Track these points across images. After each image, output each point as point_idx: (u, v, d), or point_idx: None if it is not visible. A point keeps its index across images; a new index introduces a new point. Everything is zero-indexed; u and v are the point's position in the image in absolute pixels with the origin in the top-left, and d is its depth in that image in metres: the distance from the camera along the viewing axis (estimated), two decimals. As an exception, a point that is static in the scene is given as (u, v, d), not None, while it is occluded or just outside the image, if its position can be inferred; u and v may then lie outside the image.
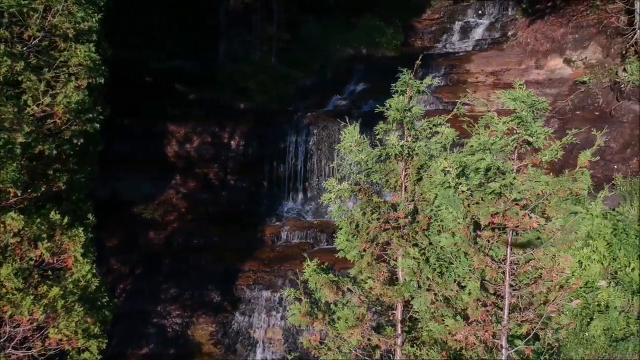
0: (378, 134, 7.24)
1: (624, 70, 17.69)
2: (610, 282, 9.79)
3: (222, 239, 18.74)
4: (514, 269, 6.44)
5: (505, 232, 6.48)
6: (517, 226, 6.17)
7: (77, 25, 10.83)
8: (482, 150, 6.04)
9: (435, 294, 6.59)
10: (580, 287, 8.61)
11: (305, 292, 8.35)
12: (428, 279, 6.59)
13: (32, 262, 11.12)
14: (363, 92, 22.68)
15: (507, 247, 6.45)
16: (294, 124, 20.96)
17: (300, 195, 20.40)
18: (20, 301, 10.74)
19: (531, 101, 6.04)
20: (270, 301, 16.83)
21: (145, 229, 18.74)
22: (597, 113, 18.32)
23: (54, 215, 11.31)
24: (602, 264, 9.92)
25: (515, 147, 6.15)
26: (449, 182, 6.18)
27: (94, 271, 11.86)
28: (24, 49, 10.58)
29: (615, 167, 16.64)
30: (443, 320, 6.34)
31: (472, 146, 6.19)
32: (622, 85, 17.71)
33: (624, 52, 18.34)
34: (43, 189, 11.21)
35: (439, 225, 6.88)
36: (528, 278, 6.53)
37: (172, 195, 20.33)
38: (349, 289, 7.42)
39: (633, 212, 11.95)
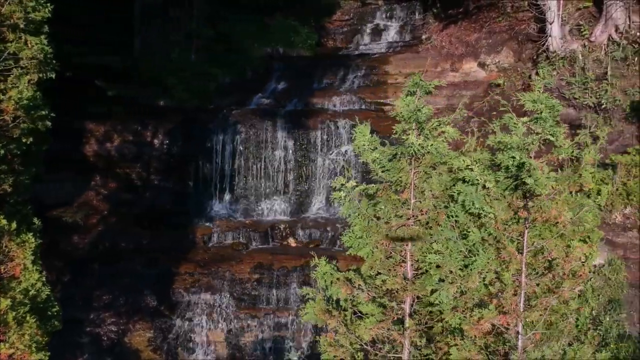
0: (395, 133, 7.37)
1: (537, 74, 19.00)
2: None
3: (151, 241, 18.09)
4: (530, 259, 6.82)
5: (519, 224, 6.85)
6: (536, 219, 6.55)
7: (28, 15, 10.06)
8: (512, 148, 6.35)
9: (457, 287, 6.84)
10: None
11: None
12: (451, 272, 6.82)
13: (-25, 273, 10.25)
14: (285, 91, 22.69)
15: (524, 239, 6.82)
16: (220, 123, 20.63)
17: (228, 195, 20.12)
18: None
19: (551, 104, 6.44)
20: (210, 304, 16.50)
21: (67, 233, 17.69)
22: (511, 114, 19.54)
23: (1, 221, 10.47)
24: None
25: (537, 146, 6.52)
26: (475, 179, 6.45)
27: (44, 279, 11.13)
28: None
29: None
30: (472, 310, 6.60)
31: (499, 143, 6.48)
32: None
33: (534, 57, 19.70)
34: (-12, 191, 10.32)
35: (453, 220, 7.13)
36: (541, 267, 6.94)
37: (92, 197, 19.35)
38: (359, 286, 7.51)
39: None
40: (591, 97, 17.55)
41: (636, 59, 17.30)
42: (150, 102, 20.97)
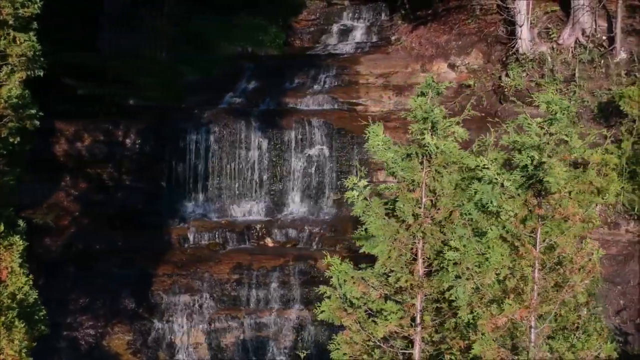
0: (412, 133, 7.49)
1: (507, 75, 19.50)
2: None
3: (126, 242, 17.78)
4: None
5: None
6: (553, 216, 6.79)
7: (17, 11, 9.78)
8: (528, 148, 6.56)
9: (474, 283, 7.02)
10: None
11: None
12: (468, 269, 7.00)
13: (-39, 277, 9.95)
14: (256, 91, 22.61)
15: (536, 235, 7.05)
16: (193, 122, 20.42)
17: (201, 195, 19.93)
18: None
19: (565, 105, 6.68)
20: (190, 305, 16.33)
21: (38, 235, 17.18)
22: (483, 114, 19.94)
23: (-14, 223, 10.17)
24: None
25: (552, 145, 6.75)
26: (494, 178, 6.63)
27: (31, 282, 10.87)
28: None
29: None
30: (489, 305, 6.78)
31: (515, 142, 6.68)
32: (505, 90, 19.50)
33: (504, 59, 20.20)
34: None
35: (466, 218, 7.31)
36: (552, 263, 7.19)
37: (62, 198, 18.87)
38: (373, 284, 7.61)
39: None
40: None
41: (602, 61, 17.95)
42: (120, 101, 20.60)
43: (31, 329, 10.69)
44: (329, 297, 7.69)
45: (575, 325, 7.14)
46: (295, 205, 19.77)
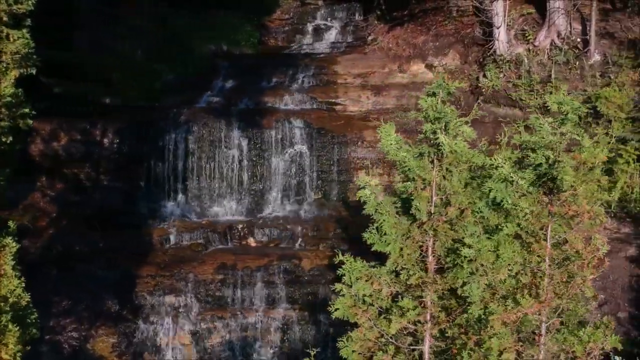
0: (425, 132, 7.61)
1: (484, 76, 19.86)
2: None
3: (106, 243, 17.51)
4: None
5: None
6: (566, 212, 7.00)
7: (11, 7, 9.55)
8: (542, 147, 6.75)
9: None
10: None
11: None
12: (482, 265, 7.15)
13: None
14: (234, 90, 22.47)
15: (547, 231, 7.26)
16: (172, 121, 20.22)
17: (181, 196, 19.75)
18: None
19: (576, 106, 6.90)
20: (174, 306, 16.19)
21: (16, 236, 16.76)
22: (462, 113, 20.30)
23: (-20, 224, 9.92)
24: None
25: (564, 144, 6.97)
26: (509, 176, 6.80)
27: (23, 285, 10.66)
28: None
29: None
30: (505, 300, 6.95)
31: (528, 142, 6.87)
32: (483, 90, 19.86)
33: (481, 59, 20.55)
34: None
35: (477, 216, 7.47)
36: (560, 258, 7.41)
37: (38, 199, 18.47)
38: (385, 281, 7.71)
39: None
40: (536, 98, 18.54)
41: (577, 63, 18.43)
42: (96, 99, 20.28)
43: (24, 332, 10.48)
44: (342, 295, 7.76)
45: (583, 318, 7.36)
46: (276, 206, 19.76)
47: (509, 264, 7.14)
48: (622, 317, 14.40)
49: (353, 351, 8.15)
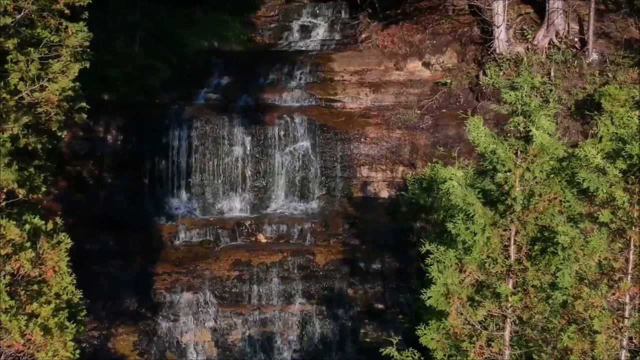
0: (514, 126, 7.88)
1: (484, 74, 20.39)
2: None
3: (117, 242, 17.26)
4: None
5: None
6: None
7: (71, 1, 9.39)
8: (634, 139, 7.13)
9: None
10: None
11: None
12: (575, 252, 7.50)
13: (8, 277, 9.55)
14: (231, 86, 22.36)
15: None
16: (174, 118, 20.04)
17: (184, 193, 19.61)
18: (9, 323, 9.14)
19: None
20: (193, 303, 16.09)
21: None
22: (460, 111, 20.76)
23: (37, 221, 9.76)
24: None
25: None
26: (607, 166, 7.16)
27: (75, 282, 10.54)
28: (11, 23, 8.86)
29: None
30: (594, 285, 7.31)
31: (615, 134, 7.24)
32: (482, 88, 20.38)
33: (479, 58, 21.07)
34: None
35: (564, 206, 7.83)
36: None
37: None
38: (471, 270, 7.97)
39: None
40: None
41: (575, 62, 19.15)
42: (95, 96, 19.86)
43: (77, 330, 10.35)
44: (434, 283, 7.98)
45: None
46: (280, 202, 19.80)
47: (599, 251, 7.52)
48: None
49: (432, 339, 8.39)
